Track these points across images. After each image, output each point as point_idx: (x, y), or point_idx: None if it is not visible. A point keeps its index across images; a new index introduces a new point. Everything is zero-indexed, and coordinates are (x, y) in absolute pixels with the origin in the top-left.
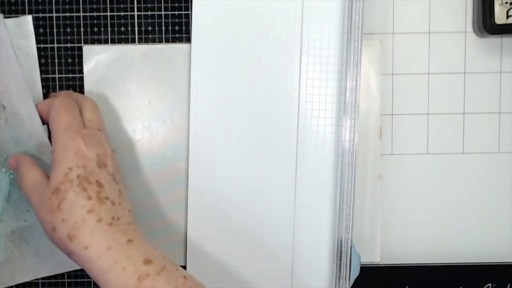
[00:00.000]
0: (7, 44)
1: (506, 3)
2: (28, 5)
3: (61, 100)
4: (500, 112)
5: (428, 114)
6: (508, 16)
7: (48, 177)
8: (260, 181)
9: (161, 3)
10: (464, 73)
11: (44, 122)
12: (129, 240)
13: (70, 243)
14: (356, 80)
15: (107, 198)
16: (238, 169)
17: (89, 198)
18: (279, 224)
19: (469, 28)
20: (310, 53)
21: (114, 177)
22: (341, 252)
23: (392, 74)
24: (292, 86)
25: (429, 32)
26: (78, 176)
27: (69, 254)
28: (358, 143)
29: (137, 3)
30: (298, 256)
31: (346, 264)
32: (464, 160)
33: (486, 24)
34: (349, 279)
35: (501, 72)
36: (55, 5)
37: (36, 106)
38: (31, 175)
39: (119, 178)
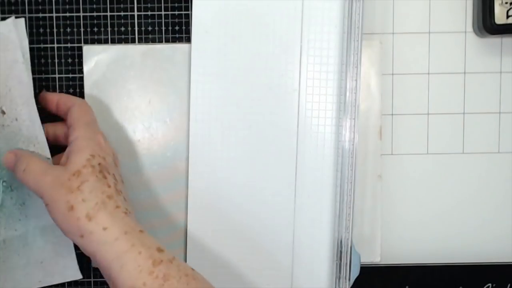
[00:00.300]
0: (15, 47)
1: (506, 3)
2: (28, 5)
3: (83, 100)
4: (500, 112)
5: (428, 114)
6: (508, 16)
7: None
8: (260, 181)
9: (161, 3)
10: (464, 73)
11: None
12: (141, 231)
13: (87, 223)
14: (356, 80)
15: (121, 192)
16: (238, 169)
17: (109, 186)
18: (279, 224)
19: (469, 28)
20: (310, 53)
21: (122, 179)
22: (341, 252)
23: (392, 74)
24: (292, 86)
25: (429, 32)
26: (99, 164)
27: (83, 235)
28: (358, 143)
29: (137, 3)
30: (298, 256)
31: (346, 264)
32: (464, 160)
33: (486, 24)
34: (349, 279)
35: (501, 72)
36: (55, 5)
37: (48, 95)
38: (37, 163)
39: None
